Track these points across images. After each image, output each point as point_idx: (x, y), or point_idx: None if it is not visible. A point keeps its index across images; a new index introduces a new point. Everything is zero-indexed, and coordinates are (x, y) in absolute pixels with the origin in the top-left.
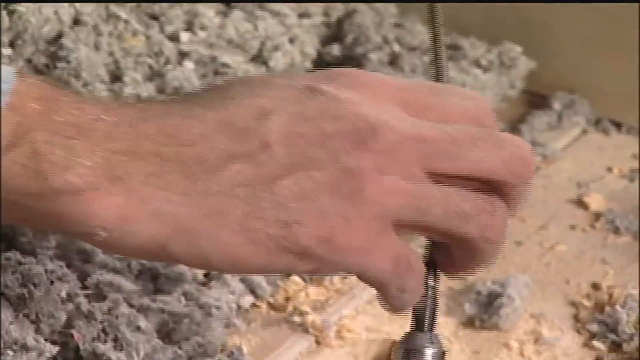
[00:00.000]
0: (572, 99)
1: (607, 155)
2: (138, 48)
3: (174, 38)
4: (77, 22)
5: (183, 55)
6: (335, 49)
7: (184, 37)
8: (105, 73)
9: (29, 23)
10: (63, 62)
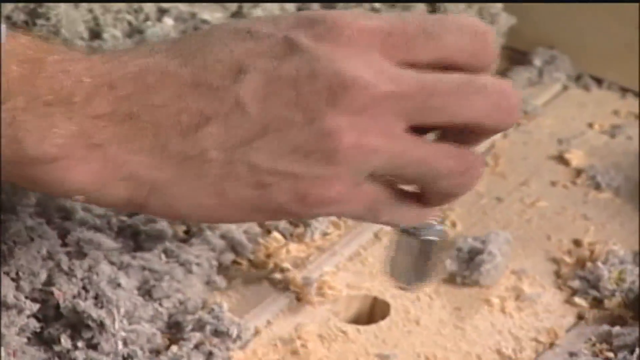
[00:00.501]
0: (552, 55)
1: (588, 111)
2: (118, 5)
3: None
4: None
5: (162, 12)
6: (315, 5)
7: None
8: (85, 30)
9: None
10: (42, 19)
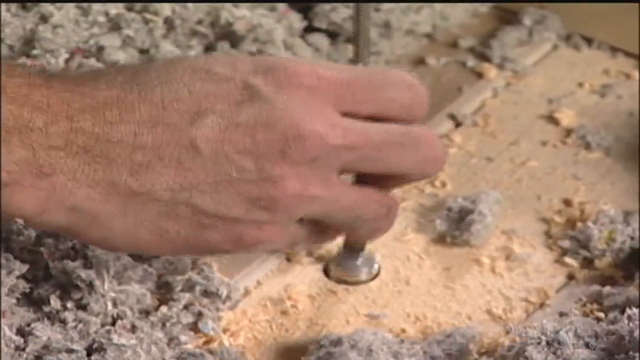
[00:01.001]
0: (542, 15)
1: (578, 71)
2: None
3: None
4: None
5: None
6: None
7: None
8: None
9: None
10: None
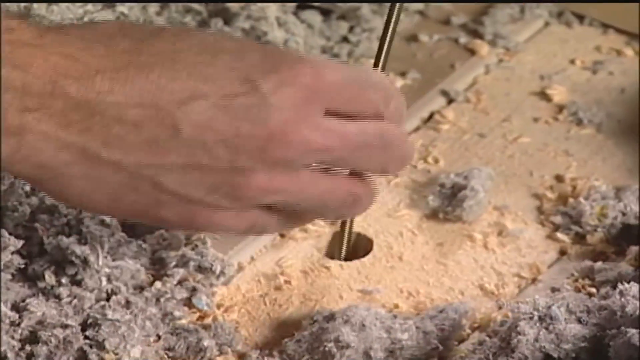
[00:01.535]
0: None
1: (569, 48)
2: None
3: None
4: None
5: None
6: None
7: None
8: None
9: None
10: None
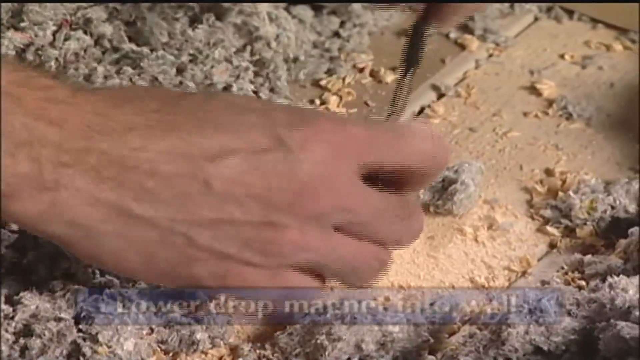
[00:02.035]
0: None
1: (559, 42)
2: None
3: None
4: None
5: None
6: None
7: None
8: None
9: None
10: None
